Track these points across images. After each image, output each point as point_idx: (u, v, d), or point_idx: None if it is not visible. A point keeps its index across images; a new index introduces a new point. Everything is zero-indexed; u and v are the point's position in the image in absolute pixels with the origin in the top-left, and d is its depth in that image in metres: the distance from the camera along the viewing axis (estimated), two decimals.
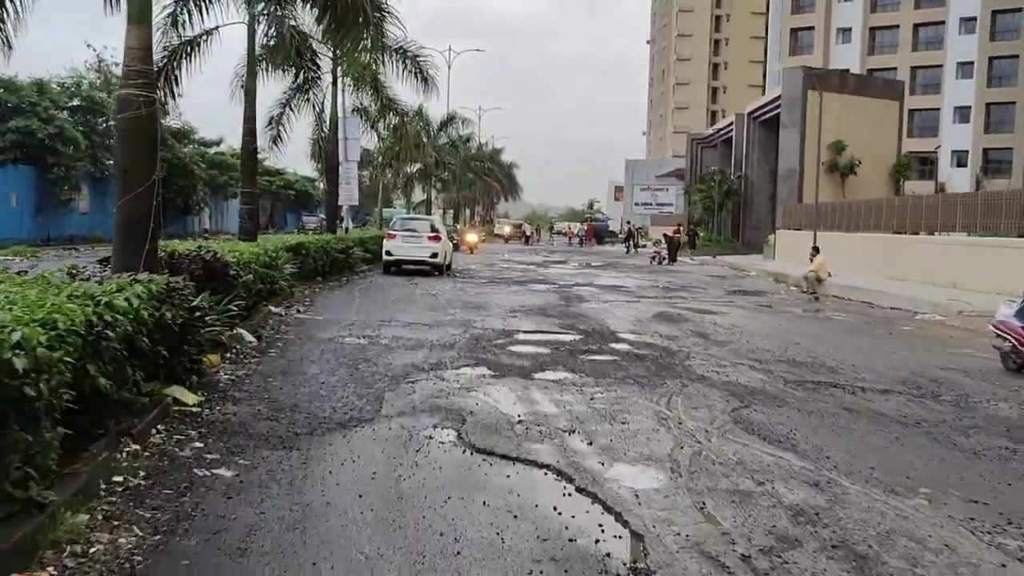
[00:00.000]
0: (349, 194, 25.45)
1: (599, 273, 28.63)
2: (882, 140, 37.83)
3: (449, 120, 42.95)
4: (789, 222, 35.86)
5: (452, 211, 65.07)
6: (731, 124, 53.56)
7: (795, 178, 36.08)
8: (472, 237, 44.06)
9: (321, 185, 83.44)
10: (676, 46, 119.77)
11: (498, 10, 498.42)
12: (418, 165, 41.53)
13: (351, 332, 11.94)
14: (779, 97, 39.92)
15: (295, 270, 16.48)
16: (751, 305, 18.88)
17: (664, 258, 37.41)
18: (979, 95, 60.84)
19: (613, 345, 11.54)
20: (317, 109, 25.56)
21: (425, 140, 31.66)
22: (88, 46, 76.07)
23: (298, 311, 14.34)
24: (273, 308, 13.73)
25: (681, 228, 42.64)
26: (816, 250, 23.58)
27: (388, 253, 24.53)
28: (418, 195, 58.77)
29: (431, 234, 24.61)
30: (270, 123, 24.56)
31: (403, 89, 64.01)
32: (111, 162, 33.35)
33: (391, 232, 24.82)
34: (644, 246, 62.44)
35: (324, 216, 65.53)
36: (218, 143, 58.03)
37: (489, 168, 62.44)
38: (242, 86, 18.70)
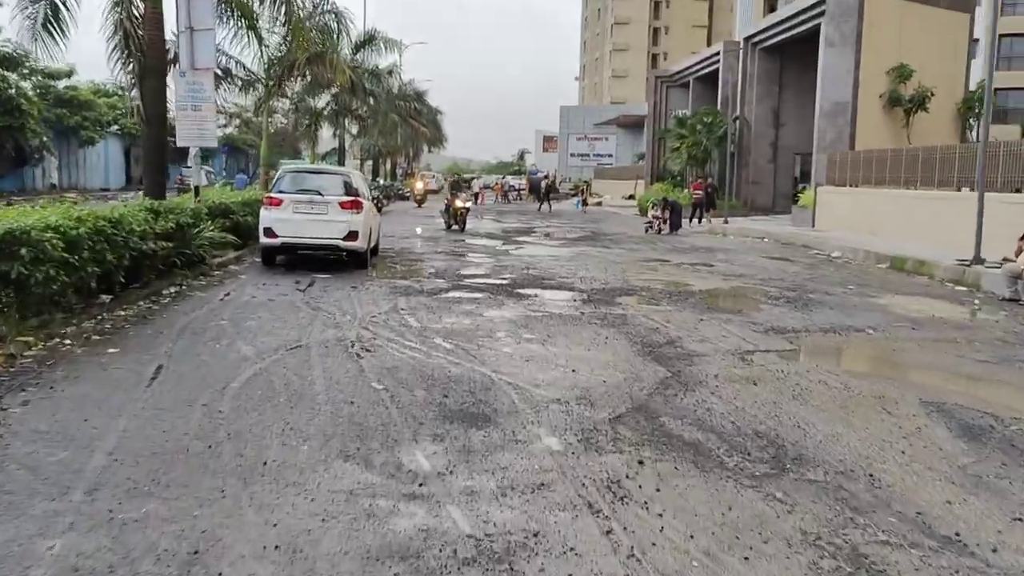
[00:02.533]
0: (199, 128, 14.61)
1: (609, 257, 18.53)
2: (949, 67, 28.47)
3: (368, 40, 31.77)
4: (837, 175, 26.30)
5: (371, 162, 53.81)
6: (714, 56, 43.62)
7: (845, 116, 26.56)
8: (421, 186, 41.43)
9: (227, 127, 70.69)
10: None
11: None
12: (326, 98, 30.42)
13: None
14: (809, 9, 30.01)
15: None
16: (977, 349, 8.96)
17: (662, 226, 27.57)
18: None
19: None
20: None
21: (335, 56, 20.69)
22: None
23: None
24: None
25: (708, 183, 32.58)
26: None
27: (269, 232, 13.99)
28: (327, 143, 47.36)
29: (345, 198, 14.09)
30: None
31: None
32: None
33: (273, 196, 14.16)
34: (595, 203, 53.28)
35: (211, 169, 53.80)
36: (68, 75, 45.46)
37: (416, 109, 51.30)
38: None
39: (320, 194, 14.03)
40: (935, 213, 19.95)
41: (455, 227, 24.46)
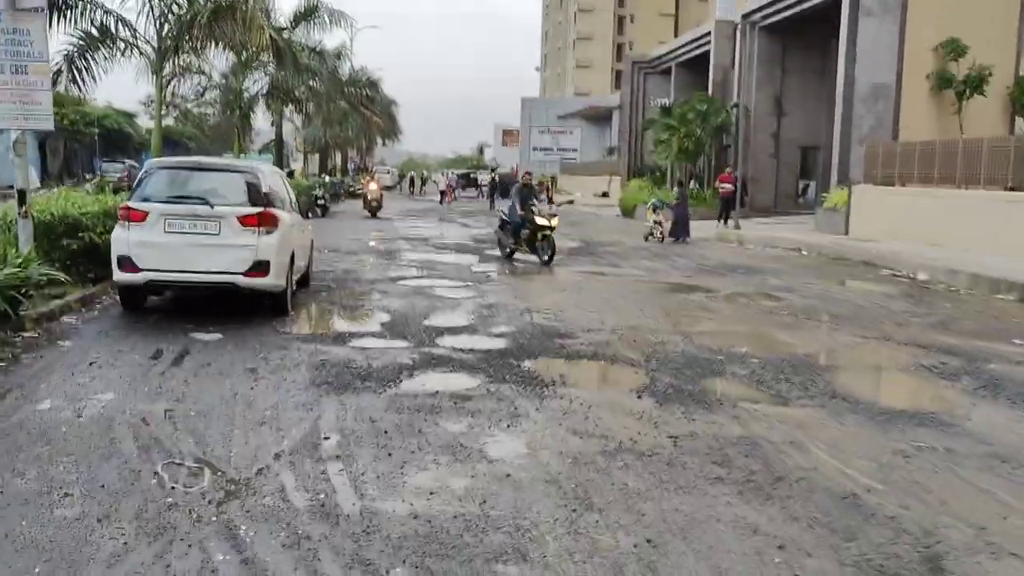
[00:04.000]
0: (23, 102, 9.42)
1: (629, 285, 13.65)
2: (999, 42, 23.98)
3: (310, 11, 26.41)
4: (879, 172, 21.72)
5: (318, 155, 48.29)
6: (703, 38, 39.03)
7: (887, 100, 21.98)
8: (374, 186, 30.83)
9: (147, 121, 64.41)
10: None
11: None
12: (262, 79, 25.10)
13: None
14: None
15: None
16: None
17: (663, 233, 22.81)
18: None
19: None
20: None
21: (249, 5, 15.36)
22: None
23: None
24: None
25: (734, 175, 26.82)
26: None
27: (126, 263, 8.88)
28: (268, 135, 41.73)
29: (249, 210, 8.97)
30: None
31: None
32: None
33: (133, 207, 8.94)
34: (565, 202, 47.24)
35: (134, 163, 47.74)
36: None
37: (368, 97, 45.89)
38: None
39: (208, 203, 8.91)
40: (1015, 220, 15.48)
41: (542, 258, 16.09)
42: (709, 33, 37.59)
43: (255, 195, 9.16)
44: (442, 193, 44.70)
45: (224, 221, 8.86)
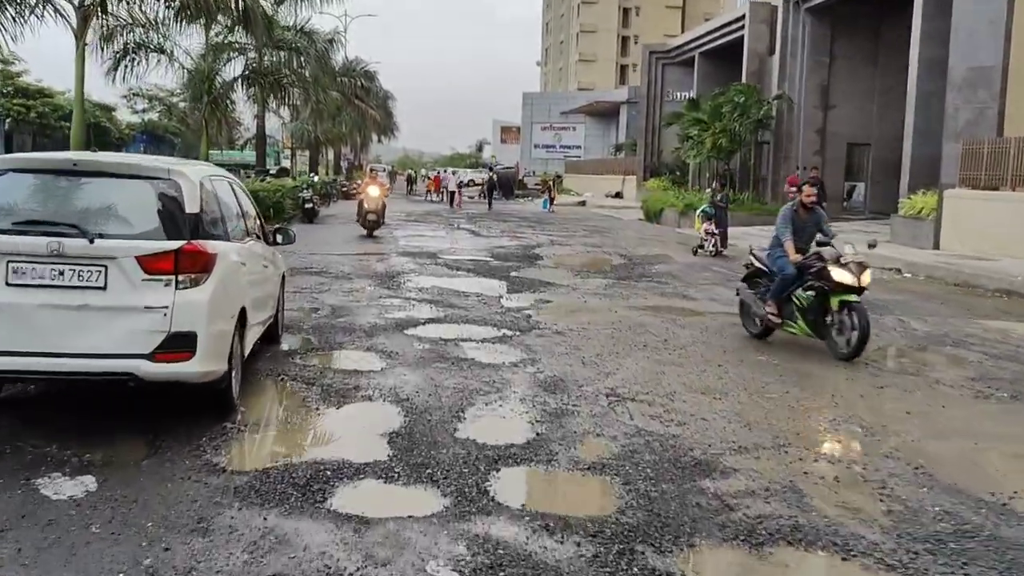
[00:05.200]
0: None
1: (762, 350, 9.84)
2: None
3: None
4: (983, 175, 17.95)
5: (308, 152, 44.32)
6: (735, 22, 35.21)
7: (990, 88, 18.13)
8: (375, 192, 21.33)
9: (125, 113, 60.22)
10: None
11: None
12: (240, 62, 21.22)
13: None
14: None
15: None
16: None
17: (717, 246, 19.09)
18: None
19: None
20: None
21: None
22: None
23: None
24: None
25: (816, 174, 21.93)
26: None
27: None
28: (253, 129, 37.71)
29: (154, 247, 5.14)
30: None
31: None
32: None
33: None
34: (576, 203, 42.34)
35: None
36: None
37: (364, 87, 41.97)
38: None
39: (85, 234, 5.09)
40: None
41: None
42: (742, 17, 33.76)
43: (172, 219, 5.33)
44: (451, 195, 40.27)
45: (114, 266, 5.05)
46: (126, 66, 17.43)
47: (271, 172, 49.96)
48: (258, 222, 7.71)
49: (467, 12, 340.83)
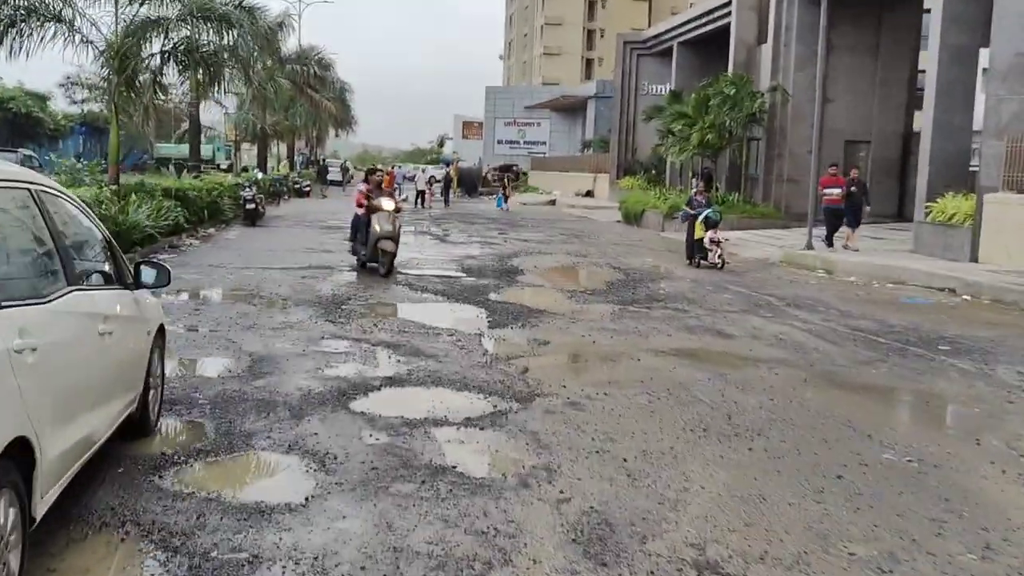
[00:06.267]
0: None
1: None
2: None
3: None
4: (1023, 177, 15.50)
5: (256, 145, 40.95)
6: (720, 8, 32.60)
7: None
8: (390, 205, 13.79)
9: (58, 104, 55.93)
10: None
11: None
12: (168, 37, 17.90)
13: None
14: None
15: None
16: None
17: (723, 258, 16.52)
18: None
19: None
20: None
21: None
22: None
23: None
24: None
25: (855, 176, 19.32)
26: None
27: None
28: (209, 121, 34.20)
29: None
30: None
31: None
32: None
33: None
34: (546, 202, 39.00)
35: (31, 153, 39.50)
36: None
37: (318, 76, 38.72)
38: None
39: None
40: None
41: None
42: (729, 3, 31.18)
43: None
44: (420, 194, 36.24)
45: None
46: (14, 39, 14.24)
47: (223, 168, 46.53)
48: (108, 255, 4.78)
49: (429, 2, 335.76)
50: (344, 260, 14.90)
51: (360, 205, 13.84)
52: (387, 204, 13.80)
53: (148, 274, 5.10)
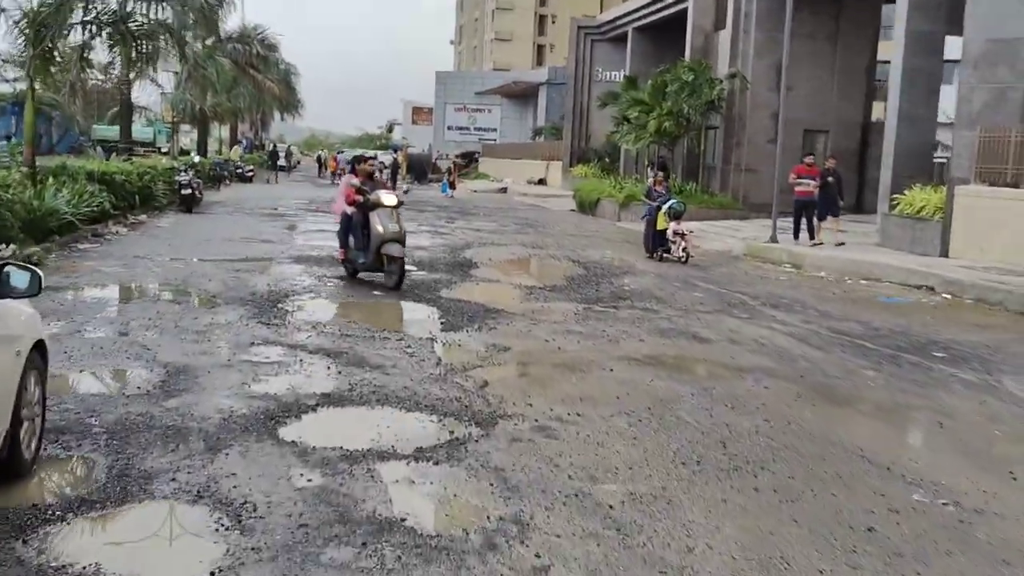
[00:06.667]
0: None
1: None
2: None
3: None
4: (1007, 167, 14.98)
5: (197, 128, 39.23)
6: None
7: (1014, 64, 15.19)
8: (391, 200, 11.03)
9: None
10: None
11: None
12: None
13: None
14: None
15: None
16: None
17: (687, 251, 15.74)
18: None
19: None
20: None
21: None
22: None
23: None
24: None
25: (833, 164, 17.86)
26: None
27: None
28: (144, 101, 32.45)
29: None
30: None
31: None
32: None
33: None
34: (498, 189, 37.66)
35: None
36: None
37: (261, 56, 37.14)
38: None
39: None
40: None
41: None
42: None
43: None
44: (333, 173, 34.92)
45: None
46: None
47: (163, 151, 44.55)
48: None
49: None
50: (284, 252, 13.74)
51: (352, 202, 10.95)
52: (388, 199, 11.01)
53: (19, 278, 4.05)
